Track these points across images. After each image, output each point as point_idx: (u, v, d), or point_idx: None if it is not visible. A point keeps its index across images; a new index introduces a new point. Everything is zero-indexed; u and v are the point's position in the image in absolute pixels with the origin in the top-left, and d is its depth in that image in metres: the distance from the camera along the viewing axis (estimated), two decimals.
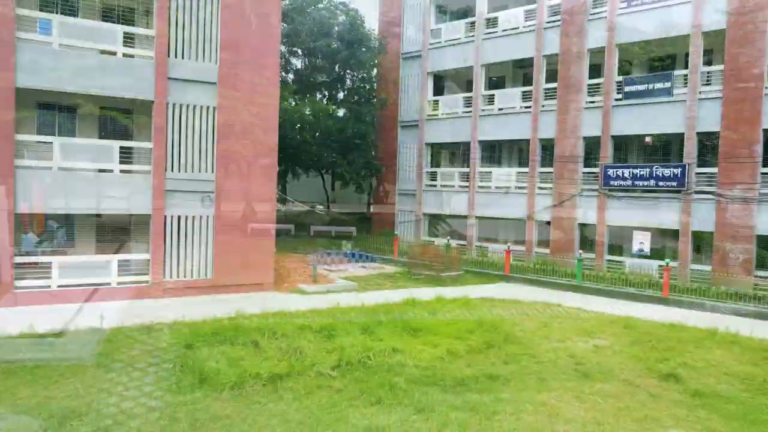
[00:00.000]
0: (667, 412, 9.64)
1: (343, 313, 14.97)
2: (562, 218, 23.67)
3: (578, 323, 16.14)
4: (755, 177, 18.94)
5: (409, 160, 29.56)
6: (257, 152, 18.63)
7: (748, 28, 19.06)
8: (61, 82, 15.64)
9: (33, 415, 8.58)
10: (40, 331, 12.54)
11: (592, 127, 22.81)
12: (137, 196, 16.90)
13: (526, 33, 24.94)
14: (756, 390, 10.98)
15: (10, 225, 15.09)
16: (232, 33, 17.91)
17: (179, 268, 17.58)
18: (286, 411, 9.15)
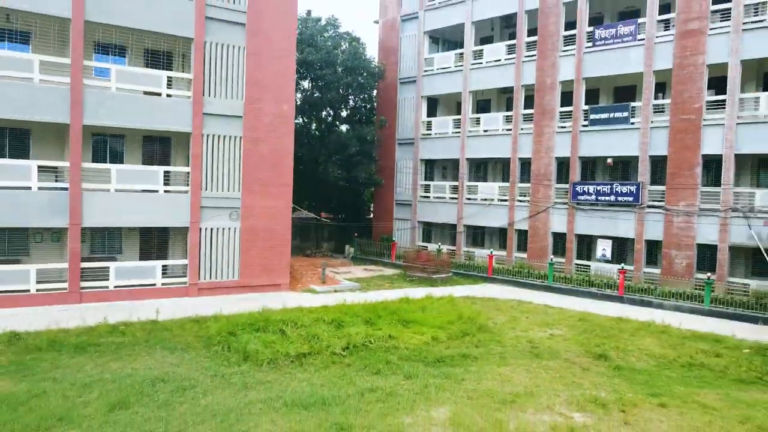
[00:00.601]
0: (589, 380, 12.92)
1: (349, 308, 18.23)
2: (538, 227, 26.98)
3: (542, 317, 19.48)
4: (696, 195, 22.26)
5: (405, 174, 32.89)
6: (276, 174, 21.97)
7: (690, 69, 22.37)
8: (116, 120, 18.98)
9: (129, 381, 11.86)
10: (111, 322, 15.89)
11: (563, 148, 26.14)
12: (177, 212, 20.26)
13: (508, 65, 28.26)
14: (664, 366, 14.29)
15: (77, 236, 18.45)
16: (255, 75, 21.26)
17: (211, 272, 20.94)
18: (310, 378, 12.43)
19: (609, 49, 24.71)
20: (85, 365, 12.70)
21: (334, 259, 32.59)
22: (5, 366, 12.35)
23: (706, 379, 13.40)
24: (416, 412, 10.43)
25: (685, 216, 22.46)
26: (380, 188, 34.12)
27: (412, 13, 32.52)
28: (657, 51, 23.33)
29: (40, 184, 18.07)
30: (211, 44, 20.39)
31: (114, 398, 10.63)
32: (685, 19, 22.47)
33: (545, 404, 11.12)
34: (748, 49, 21.14)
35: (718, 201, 21.79)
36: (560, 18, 26.22)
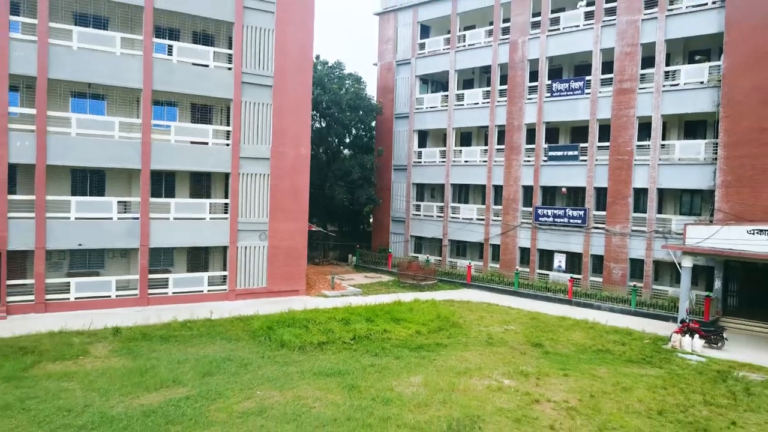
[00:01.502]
0: (523, 360, 18.18)
1: (353, 309, 23.51)
2: (508, 242, 32.27)
3: (504, 316, 24.76)
4: (629, 219, 27.57)
5: (399, 195, 38.17)
6: (295, 203, 27.26)
7: (624, 119, 27.70)
8: (174, 164, 24.29)
9: (207, 359, 17.09)
10: (180, 320, 21.17)
11: (528, 178, 31.43)
12: (219, 234, 25.55)
13: (484, 108, 33.55)
14: (581, 351, 19.57)
15: (146, 256, 23.75)
16: (279, 125, 26.56)
17: (245, 280, 26.22)
18: (328, 358, 17.68)
19: (563, 100, 30.03)
20: (172, 350, 17.98)
21: (339, 266, 37.86)
22: (119, 350, 17.63)
23: (606, 360, 18.70)
24: (401, 379, 15.72)
25: (620, 236, 27.78)
26: (378, 207, 39.39)
27: (405, 59, 37.83)
28: (599, 103, 28.67)
29: (119, 215, 23.37)
30: (245, 103, 25.70)
31: (201, 370, 15.93)
32: (620, 79, 27.81)
33: (486, 374, 16.42)
34: (666, 106, 26.46)
35: (645, 224, 27.11)
36: (526, 72, 31.53)
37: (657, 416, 13.74)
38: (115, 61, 22.85)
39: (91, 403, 13.27)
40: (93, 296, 22.97)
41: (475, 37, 34.18)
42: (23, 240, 21.53)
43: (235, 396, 14.07)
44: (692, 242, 21.59)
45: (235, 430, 12.13)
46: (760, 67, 23.27)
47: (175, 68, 24.11)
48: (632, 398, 14.84)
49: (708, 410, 14.26)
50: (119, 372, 15.54)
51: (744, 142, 23.67)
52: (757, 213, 23.05)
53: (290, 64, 26.69)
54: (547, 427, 12.81)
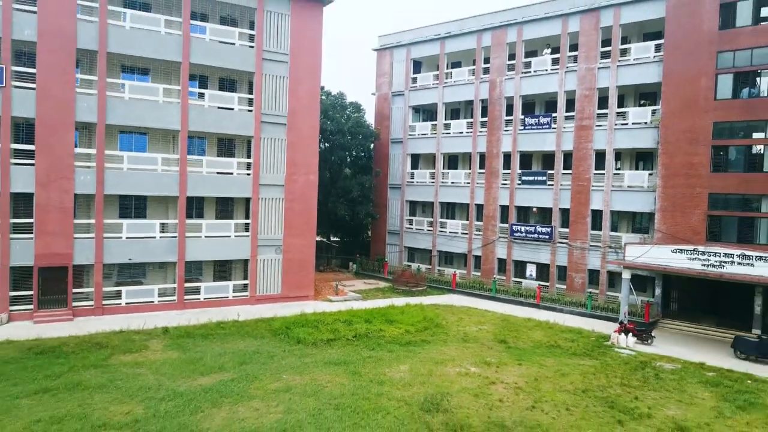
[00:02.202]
0: (489, 353, 22.67)
1: (354, 312, 28.01)
2: (488, 254, 36.81)
3: (480, 318, 29.26)
4: (587, 235, 32.15)
5: (395, 210, 42.68)
6: (305, 222, 31.76)
7: (583, 151, 32.27)
8: (205, 191, 28.81)
9: (240, 352, 21.56)
10: (214, 321, 25.66)
11: (505, 199, 35.98)
12: (242, 249, 30.05)
13: (467, 137, 38.11)
14: (537, 346, 24.05)
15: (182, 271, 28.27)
16: (292, 156, 31.07)
17: (263, 288, 30.72)
18: (336, 351, 22.17)
19: (534, 132, 34.60)
20: (212, 345, 22.48)
21: (341, 273, 42.34)
22: (171, 345, 22.12)
23: (555, 353, 23.22)
24: (391, 367, 20.24)
25: (580, 250, 32.35)
26: (376, 221, 43.91)
27: (399, 91, 42.37)
28: (564, 137, 33.24)
29: (160, 234, 27.89)
30: (264, 139, 30.22)
31: (238, 360, 20.44)
32: (581, 117, 32.39)
33: (458, 363, 20.94)
34: (617, 141, 31.06)
35: (600, 241, 31.68)
36: (503, 107, 36.09)
37: (581, 393, 18.26)
38: (158, 108, 27.39)
39: (162, 384, 17.77)
40: (139, 302, 27.49)
41: (460, 75, 38.75)
42: (85, 256, 26.03)
43: (267, 379, 18.58)
44: (630, 258, 26.10)
45: (270, 401, 16.63)
46: (688, 113, 27.86)
47: (206, 112, 28.65)
48: (566, 381, 19.37)
49: (621, 390, 18.79)
50: (176, 362, 20.07)
51: (677, 175, 28.26)
52: (687, 233, 27.62)
53: (301, 105, 31.23)
54: (497, 400, 17.33)
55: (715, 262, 23.46)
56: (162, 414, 15.33)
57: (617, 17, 31.04)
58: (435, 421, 15.53)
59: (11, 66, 24.31)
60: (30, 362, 19.31)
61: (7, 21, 23.94)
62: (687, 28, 28.09)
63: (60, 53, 24.93)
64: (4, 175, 24.20)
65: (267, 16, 30.00)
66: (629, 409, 16.94)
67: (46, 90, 24.73)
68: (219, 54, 28.82)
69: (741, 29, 26.56)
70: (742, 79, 26.74)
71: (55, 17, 24.77)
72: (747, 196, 26.52)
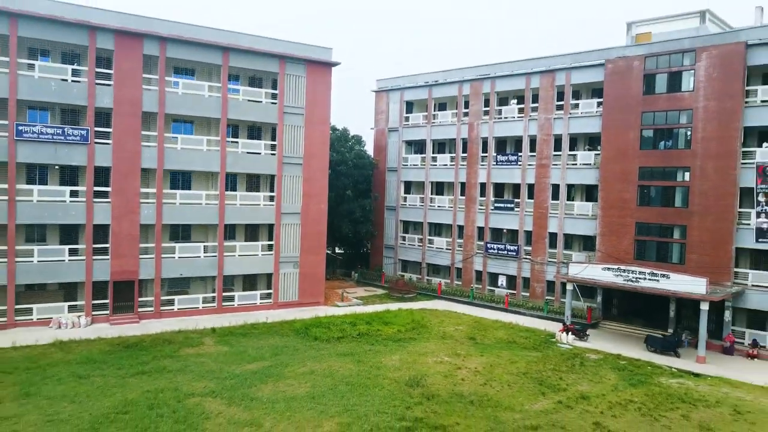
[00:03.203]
0: (460, 347, 29.24)
1: (357, 316, 34.64)
2: (467, 266, 43.47)
3: (457, 320, 35.85)
4: (546, 253, 38.82)
5: (390, 228, 49.33)
6: (317, 243, 38.40)
7: (542, 185, 38.97)
8: (239, 219, 35.54)
9: (272, 346, 28.15)
10: (249, 323, 32.27)
11: (481, 221, 42.64)
12: (267, 265, 36.70)
13: (450, 168, 44.80)
14: (498, 342, 30.69)
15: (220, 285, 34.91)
16: (307, 189, 37.72)
17: (283, 295, 37.36)
18: (344, 346, 28.72)
19: (504, 167, 41.31)
20: (250, 341, 29.09)
21: (344, 281, 48.94)
22: (219, 342, 28.71)
23: (511, 347, 29.84)
24: (386, 357, 26.86)
25: (540, 264, 39.03)
26: (374, 237, 50.55)
27: (394, 127, 49.07)
28: (527, 172, 39.96)
29: (204, 254, 34.51)
30: (284, 176, 36.88)
31: (273, 352, 27.08)
32: (540, 157, 39.12)
33: (436, 355, 27.55)
34: (569, 178, 37.76)
35: (555, 257, 38.38)
36: (479, 145, 42.78)
37: (522, 375, 24.88)
38: (203, 155, 34.06)
39: (222, 368, 24.40)
40: (187, 307, 34.14)
41: (445, 117, 45.48)
42: (147, 272, 32.68)
43: (296, 365, 25.18)
44: (572, 274, 32.76)
45: (300, 380, 23.21)
46: (621, 159, 34.57)
47: (239, 156, 35.32)
48: (513, 367, 26.01)
49: (552, 373, 25.42)
50: (227, 353, 26.70)
51: (612, 207, 34.97)
52: (620, 253, 34.32)
53: (314, 148, 37.91)
54: (460, 379, 23.95)
55: (632, 278, 30.15)
56: (228, 387, 21.96)
57: (568, 78, 37.79)
58: (415, 392, 22.16)
59: (95, 126, 31.00)
60: (122, 353, 25.95)
61: (91, 94, 30.62)
62: (619, 92, 34.83)
63: (130, 116, 31.61)
64: (89, 210, 30.87)
65: (287, 78, 36.70)
66: (552, 386, 23.61)
67: (120, 145, 31.41)
68: (249, 110, 35.54)
69: (659, 95, 33.29)
70: (659, 134, 33.46)
71: (126, 89, 31.45)
72: (663, 225, 33.21)
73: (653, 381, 24.84)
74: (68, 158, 30.43)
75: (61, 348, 26.31)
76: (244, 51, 34.90)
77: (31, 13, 28.79)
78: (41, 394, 20.55)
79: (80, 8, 30.18)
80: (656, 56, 33.44)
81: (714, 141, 31.15)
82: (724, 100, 30.76)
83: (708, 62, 31.34)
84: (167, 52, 32.56)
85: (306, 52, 37.17)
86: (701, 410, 21.40)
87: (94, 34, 30.52)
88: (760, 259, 30.78)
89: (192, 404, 20.07)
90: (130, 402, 20.01)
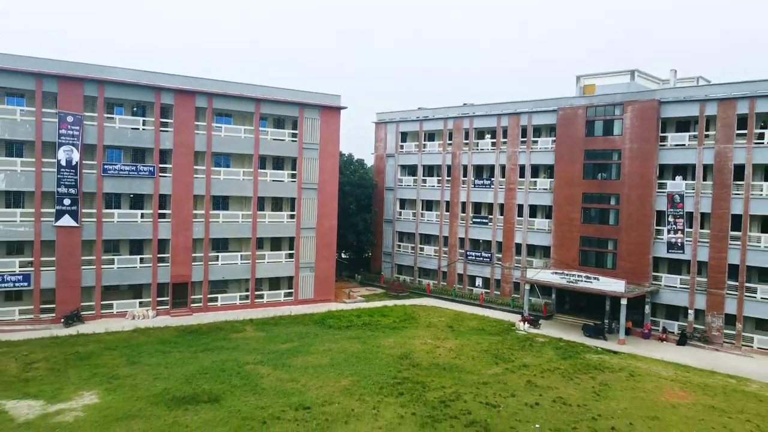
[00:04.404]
0: (440, 333, 37.19)
1: (361, 310, 42.75)
2: (451, 270, 51.57)
3: (440, 313, 43.91)
4: (513, 259, 46.99)
5: (388, 238, 57.45)
6: (328, 251, 46.54)
7: (510, 204, 47.14)
8: (267, 233, 43.78)
9: (298, 333, 36.27)
10: (279, 316, 40.41)
11: (462, 233, 50.76)
12: (289, 269, 44.88)
13: (437, 189, 52.95)
14: (471, 329, 38.81)
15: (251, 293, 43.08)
16: (321, 209, 45.86)
17: (302, 294, 45.51)
18: (352, 332, 36.73)
19: (480, 190, 49.43)
20: (280, 329, 37.19)
21: (349, 282, 57.03)
22: (257, 329, 36.81)
23: (480, 333, 37.90)
24: (384, 340, 34.96)
25: (509, 269, 47.19)
26: (374, 245, 58.69)
27: (391, 153, 57.20)
28: (499, 194, 48.09)
29: (240, 261, 42.67)
30: (303, 199, 45.04)
31: (298, 336, 35.25)
32: (508, 182, 47.29)
33: (422, 338, 35.65)
34: (530, 199, 45.90)
35: (520, 263, 46.54)
36: (461, 171, 50.91)
37: (484, 352, 32.98)
38: (239, 183, 42.22)
39: (263, 347, 32.51)
40: (227, 303, 42.27)
41: (432, 146, 53.65)
42: (197, 275, 40.82)
43: (317, 345, 33.28)
44: (529, 276, 40.85)
45: (321, 355, 31.27)
46: (569, 186, 42.73)
47: (267, 184, 43.49)
48: (478, 347, 34.11)
49: (506, 350, 33.50)
50: (264, 337, 34.81)
51: (563, 224, 43.14)
52: (569, 260, 42.47)
53: (326, 176, 46.05)
54: (438, 354, 32.05)
55: (573, 279, 38.32)
56: (271, 359, 30.08)
57: (530, 120, 45.99)
58: (405, 363, 30.26)
59: (160, 163, 39.19)
60: (187, 337, 34.08)
61: (156, 139, 38.78)
62: (568, 133, 43.03)
63: (185, 155, 39.79)
64: (154, 228, 39.02)
65: (305, 120, 44.89)
66: (505, 359, 31.73)
67: (177, 177, 39.58)
68: (275, 147, 43.72)
69: (597, 137, 41.49)
70: (597, 168, 41.63)
71: (182, 134, 39.62)
72: (600, 238, 41.39)
73: (580, 356, 33.01)
74: (139, 188, 38.62)
75: (142, 333, 34.49)
76: (272, 101, 43.11)
77: (114, 80, 37.01)
78: (142, 362, 28.71)
79: (149, 74, 38.40)
80: (595, 107, 41.67)
81: (636, 174, 39.37)
82: (644, 143, 38.99)
83: (632, 114, 39.57)
84: (213, 104, 40.78)
85: (319, 99, 45.40)
86: (606, 374, 29.60)
87: (159, 93, 38.72)
88: (672, 266, 38.98)
89: (249, 369, 28.24)
90: (205, 367, 28.19)
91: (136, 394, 24.29)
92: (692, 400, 26.11)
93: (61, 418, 21.68)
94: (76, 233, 36.49)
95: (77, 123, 35.94)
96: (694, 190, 37.44)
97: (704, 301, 36.94)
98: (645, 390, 27.26)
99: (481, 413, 23.40)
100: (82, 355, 29.55)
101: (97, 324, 35.99)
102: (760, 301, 34.94)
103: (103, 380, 25.90)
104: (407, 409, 23.59)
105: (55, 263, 36.00)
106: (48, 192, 35.74)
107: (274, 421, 21.91)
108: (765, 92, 34.71)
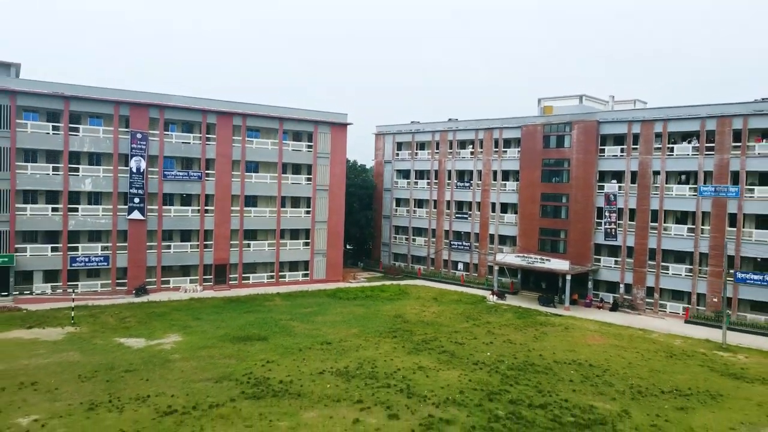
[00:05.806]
0: (427, 304, 46.00)
1: (364, 288, 51.80)
2: (438, 257, 60.57)
3: (428, 291, 52.82)
4: (488, 246, 56.04)
5: (386, 231, 66.47)
6: (336, 241, 55.55)
7: (485, 202, 56.14)
8: (287, 226, 52.89)
9: (316, 303, 45.29)
10: (300, 290, 49.51)
11: (447, 226, 59.73)
12: (305, 255, 53.94)
13: (427, 190, 61.93)
14: (452, 301, 47.81)
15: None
16: (331, 206, 54.89)
17: (316, 275, 54.58)
18: (358, 302, 45.62)
19: (462, 191, 58.47)
20: (303, 300, 46.14)
21: (353, 268, 66.07)
22: (284, 300, 45.83)
23: (458, 303, 46.78)
24: (383, 307, 43.96)
25: (484, 255, 56.23)
26: (376, 238, 67.73)
27: (388, 160, 66.21)
28: (476, 194, 57.12)
29: (267, 248, 51.70)
30: (317, 199, 54.06)
31: (317, 304, 44.20)
32: (484, 184, 56.29)
33: (412, 306, 44.64)
34: (502, 198, 54.90)
35: (493, 250, 55.61)
36: (446, 175, 59.89)
37: (459, 315, 42.01)
38: (267, 185, 51.24)
39: (291, 310, 41.50)
40: (257, 281, 51.32)
41: (423, 155, 62.69)
42: (233, 259, 49.85)
43: (332, 310, 42.26)
44: (498, 260, 49.92)
45: (335, 316, 40.25)
46: (530, 187, 51.76)
47: (288, 186, 52.51)
48: (455, 312, 43.13)
49: (476, 314, 42.55)
50: (290, 305, 43.79)
51: (525, 218, 52.19)
52: (530, 246, 51.52)
53: (335, 179, 55.08)
54: (424, 315, 41.05)
55: (530, 261, 47.41)
56: (298, 317, 39.11)
57: (501, 133, 55.04)
58: (398, 320, 39.30)
59: (205, 170, 48.24)
60: (231, 304, 43.11)
61: (203, 151, 47.83)
62: (530, 145, 52.09)
63: (224, 163, 48.81)
64: (201, 221, 48.08)
65: (318, 135, 53.92)
66: (474, 319, 40.79)
67: (219, 181, 48.58)
68: (294, 156, 52.74)
69: (552, 149, 50.59)
70: (552, 173, 50.68)
71: (222, 146, 48.64)
72: (554, 229, 50.43)
73: (531, 317, 42.09)
74: (189, 189, 47.65)
75: (196, 301, 43.52)
76: (292, 119, 52.16)
77: (172, 105, 46.06)
78: (203, 319, 37.76)
79: (198, 99, 47.45)
80: (551, 125, 50.75)
81: (581, 179, 48.47)
82: (587, 154, 48.08)
83: (578, 131, 48.67)
84: (246, 122, 49.81)
85: (330, 117, 54.44)
86: (547, 327, 38.72)
87: (205, 114, 47.78)
88: (609, 250, 48.11)
89: (283, 323, 37.31)
90: (251, 322, 37.25)
91: (207, 335, 33.38)
92: (604, 342, 35.26)
93: (161, 347, 30.73)
94: (143, 225, 45.52)
95: (144, 139, 44.98)
96: (624, 191, 46.58)
97: (632, 277, 46.10)
98: (572, 336, 36.38)
99: (450, 347, 32.51)
100: (158, 313, 38.64)
101: (160, 295, 45.05)
102: (672, 276, 44.11)
103: (179, 328, 34.96)
104: (399, 344, 32.71)
105: (127, 248, 45.03)
106: (122, 192, 44.77)
107: (306, 350, 30.98)
108: (674, 116, 43.85)
